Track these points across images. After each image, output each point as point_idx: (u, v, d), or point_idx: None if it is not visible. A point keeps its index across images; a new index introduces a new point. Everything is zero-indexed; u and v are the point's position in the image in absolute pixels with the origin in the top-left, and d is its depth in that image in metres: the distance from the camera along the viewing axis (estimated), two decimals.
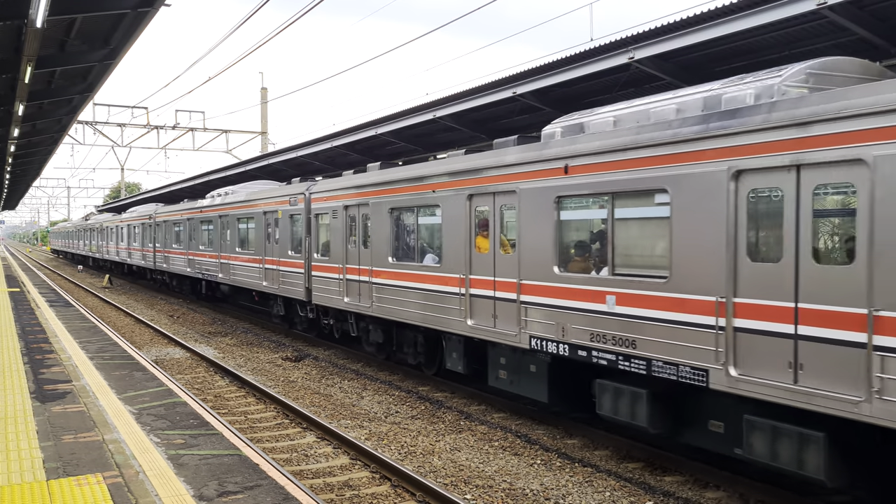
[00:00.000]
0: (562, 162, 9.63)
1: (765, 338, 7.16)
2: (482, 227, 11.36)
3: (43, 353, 12.57)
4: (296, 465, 9.33)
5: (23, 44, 12.14)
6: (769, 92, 7.77)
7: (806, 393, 6.75)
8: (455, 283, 11.77)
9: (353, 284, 15.21)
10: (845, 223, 6.73)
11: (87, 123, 36.55)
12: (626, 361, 8.73)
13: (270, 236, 19.82)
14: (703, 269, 7.75)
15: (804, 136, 6.81)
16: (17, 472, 6.21)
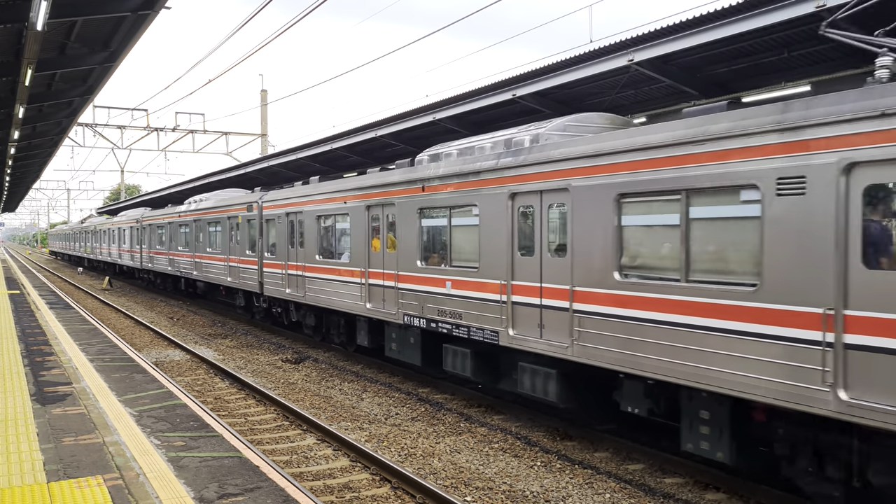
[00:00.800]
0: (421, 183, 12.82)
1: (527, 308, 10.41)
2: (376, 231, 14.43)
3: (43, 356, 12.57)
4: (296, 467, 9.33)
5: (23, 47, 12.15)
6: (537, 138, 10.78)
7: (546, 342, 10.02)
8: (358, 275, 15.02)
9: (292, 278, 18.39)
10: (562, 228, 9.98)
11: (87, 126, 36.56)
12: (457, 329, 11.90)
13: (233, 238, 22.58)
14: (496, 261, 10.96)
15: (545, 171, 10.05)
16: (18, 475, 6.22)
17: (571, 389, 10.10)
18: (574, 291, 9.50)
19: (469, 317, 11.58)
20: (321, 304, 16.80)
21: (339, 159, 22.76)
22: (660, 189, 8.32)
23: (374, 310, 14.30)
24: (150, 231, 33.80)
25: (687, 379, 7.98)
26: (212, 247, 24.89)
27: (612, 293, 8.97)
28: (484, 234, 11.27)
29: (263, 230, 20.26)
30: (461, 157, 12.19)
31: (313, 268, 17.13)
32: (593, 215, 9.21)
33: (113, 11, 11.34)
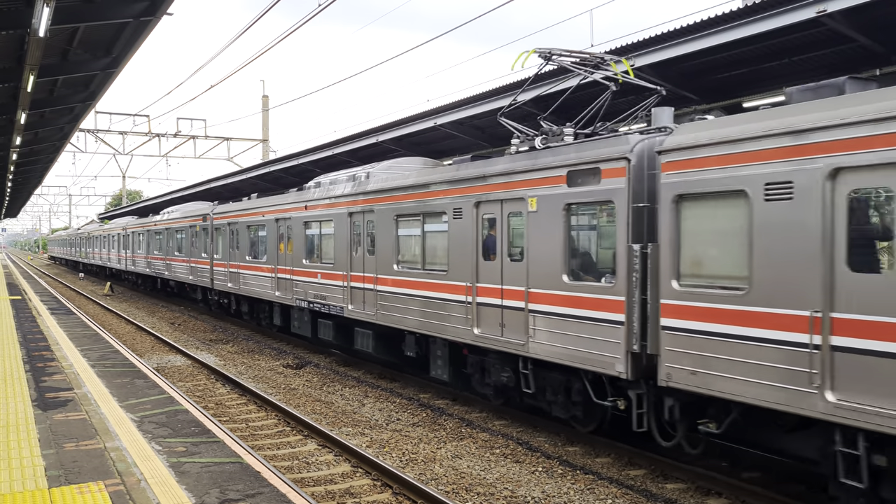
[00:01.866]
0: (304, 202, 17.90)
1: (359, 291, 15.35)
2: (281, 238, 19.34)
3: (45, 361, 12.58)
4: (297, 472, 9.32)
5: (25, 53, 12.19)
6: (369, 175, 15.22)
7: (364, 313, 14.89)
8: (269, 270, 19.98)
9: (232, 275, 23.13)
10: (370, 235, 14.91)
11: (88, 131, 36.63)
12: (325, 308, 16.58)
13: (194, 243, 27.20)
14: (342, 257, 15.88)
15: (365, 199, 14.92)
16: (19, 480, 6.21)
17: (379, 342, 15.05)
18: (377, 278, 14.45)
19: (330, 298, 16.49)
20: (251, 295, 21.67)
21: (341, 164, 22.80)
22: (414, 213, 13.39)
23: (282, 297, 19.24)
24: (133, 237, 38.41)
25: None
26: (178, 251, 29.62)
27: (394, 278, 13.85)
28: (337, 239, 16.14)
29: (213, 237, 25.09)
30: (329, 186, 16.93)
31: (245, 266, 22.05)
32: (385, 228, 14.12)
33: (115, 17, 11.38)
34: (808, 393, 6.83)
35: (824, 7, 8.95)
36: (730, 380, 7.56)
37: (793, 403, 6.97)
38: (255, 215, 21.22)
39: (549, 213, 10.02)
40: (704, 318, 7.88)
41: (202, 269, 26.15)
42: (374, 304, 14.41)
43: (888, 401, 6.28)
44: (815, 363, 6.78)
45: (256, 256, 21.15)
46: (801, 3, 9.16)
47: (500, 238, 10.97)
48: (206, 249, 25.65)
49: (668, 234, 8.22)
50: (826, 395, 6.69)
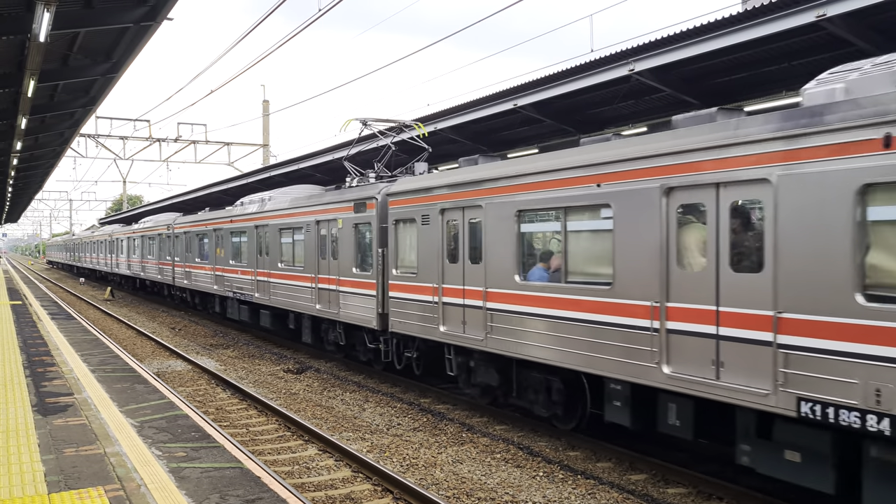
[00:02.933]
0: (230, 217, 23.00)
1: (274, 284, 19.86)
2: (217, 243, 24.19)
3: (45, 366, 12.56)
4: (297, 477, 9.30)
5: (26, 58, 12.20)
6: (265, 200, 20.79)
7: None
8: (211, 269, 24.41)
9: (188, 273, 28.11)
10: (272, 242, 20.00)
11: (89, 136, 36.65)
12: (243, 295, 21.71)
13: (161, 248, 32.46)
14: (251, 259, 21.03)
15: (259, 216, 20.82)
16: (19, 486, 6.20)
17: (273, 319, 20.31)
18: (269, 273, 19.84)
19: (246, 289, 21.45)
20: (200, 290, 26.75)
21: (342, 169, 22.80)
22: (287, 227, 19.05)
23: (218, 290, 23.98)
24: (117, 243, 43.90)
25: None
26: (150, 254, 34.87)
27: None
28: (248, 245, 21.42)
29: (175, 243, 30.06)
30: (248, 205, 22.10)
31: (194, 266, 27.35)
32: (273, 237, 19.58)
33: (115, 23, 11.39)
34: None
35: (824, 11, 8.97)
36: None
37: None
38: (201, 226, 26.55)
39: (346, 229, 15.61)
40: (405, 291, 13.48)
41: (167, 270, 31.74)
42: (267, 290, 20.15)
43: (455, 328, 11.62)
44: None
45: (203, 258, 26.35)
46: (801, 8, 9.18)
47: (329, 244, 16.50)
48: (169, 253, 30.98)
49: (392, 243, 13.94)
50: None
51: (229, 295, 23.31)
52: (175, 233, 30.20)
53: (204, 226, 26.46)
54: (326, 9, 11.08)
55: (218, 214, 25.16)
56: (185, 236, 28.84)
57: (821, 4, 8.99)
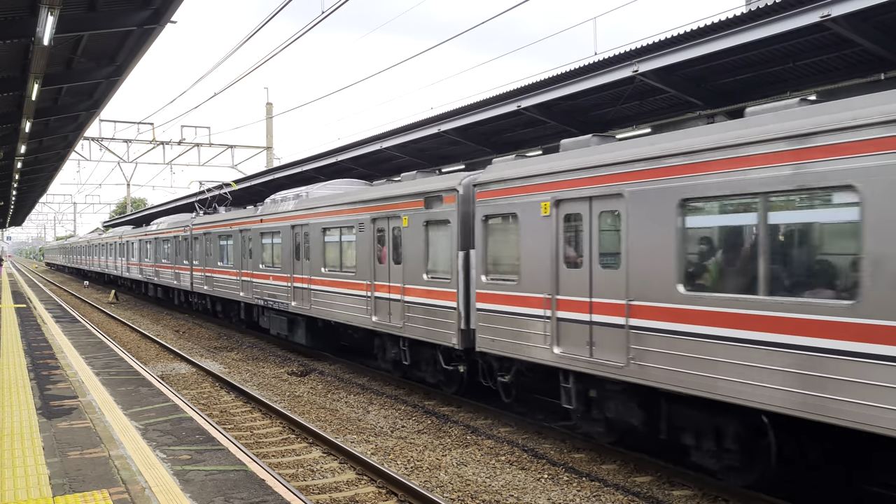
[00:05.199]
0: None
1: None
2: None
3: (49, 370, 12.57)
4: (302, 480, 9.29)
5: (30, 61, 12.23)
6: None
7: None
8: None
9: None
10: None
11: (93, 139, 36.74)
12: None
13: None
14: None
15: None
16: (24, 489, 6.19)
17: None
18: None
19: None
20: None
21: (345, 171, 22.81)
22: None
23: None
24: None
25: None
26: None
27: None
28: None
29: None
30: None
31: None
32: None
33: (119, 26, 11.41)
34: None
35: (828, 11, 8.93)
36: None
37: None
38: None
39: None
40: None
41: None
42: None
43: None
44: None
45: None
46: (806, 8, 9.14)
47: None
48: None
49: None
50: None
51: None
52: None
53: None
54: (330, 10, 11.08)
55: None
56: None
57: (825, 4, 8.95)
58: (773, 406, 7.31)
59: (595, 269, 9.47)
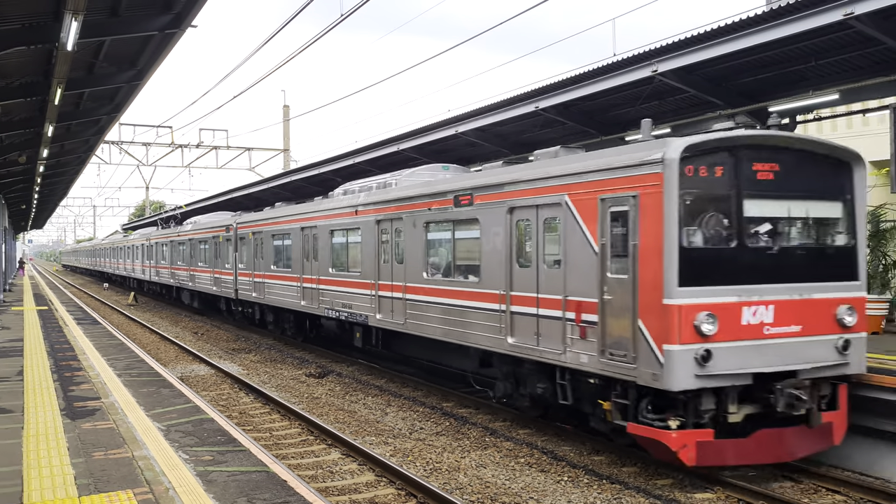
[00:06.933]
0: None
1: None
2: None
3: (72, 371, 12.69)
4: (321, 481, 9.31)
5: (53, 67, 12.36)
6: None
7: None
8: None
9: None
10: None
11: (113, 143, 37.09)
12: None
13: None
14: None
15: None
16: (50, 489, 6.26)
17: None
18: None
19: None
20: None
21: (362, 173, 22.88)
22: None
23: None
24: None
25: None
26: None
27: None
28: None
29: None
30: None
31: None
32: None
33: (141, 31, 11.50)
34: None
35: (851, 9, 8.86)
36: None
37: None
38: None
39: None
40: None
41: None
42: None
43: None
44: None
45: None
46: (828, 6, 9.07)
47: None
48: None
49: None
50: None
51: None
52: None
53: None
54: (349, 12, 11.12)
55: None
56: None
57: (848, 3, 8.88)
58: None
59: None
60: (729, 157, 8.85)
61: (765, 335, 8.88)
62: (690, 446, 8.54)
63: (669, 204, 8.46)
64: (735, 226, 8.87)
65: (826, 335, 9.26)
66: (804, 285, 9.19)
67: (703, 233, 8.79)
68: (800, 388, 8.86)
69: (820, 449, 9.38)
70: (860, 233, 9.70)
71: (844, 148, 9.56)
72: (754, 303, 8.82)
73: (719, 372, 8.54)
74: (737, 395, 8.82)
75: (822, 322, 9.25)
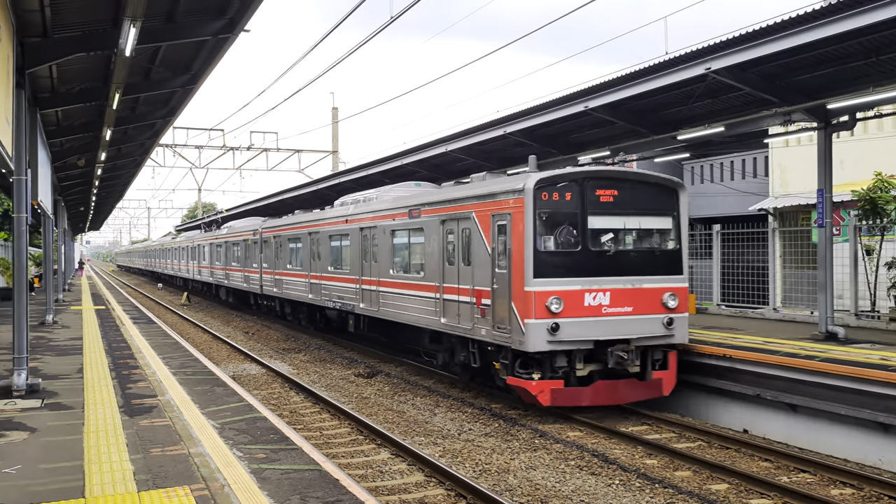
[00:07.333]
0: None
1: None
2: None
3: (129, 369, 13.02)
4: (371, 481, 9.37)
5: (111, 72, 12.71)
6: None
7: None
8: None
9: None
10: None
11: (167, 146, 37.95)
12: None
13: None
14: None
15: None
16: (110, 483, 6.42)
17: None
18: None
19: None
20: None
21: (410, 175, 22.98)
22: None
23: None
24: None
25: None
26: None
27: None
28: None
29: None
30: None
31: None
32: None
33: (195, 36, 11.74)
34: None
35: None
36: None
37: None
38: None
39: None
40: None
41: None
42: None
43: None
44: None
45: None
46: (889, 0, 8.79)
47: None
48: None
49: None
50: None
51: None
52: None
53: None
54: (398, 14, 11.18)
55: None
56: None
57: None
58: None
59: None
60: (577, 185, 12.11)
61: (603, 313, 12.06)
62: (546, 392, 11.88)
63: (528, 219, 11.80)
64: (581, 234, 12.09)
65: (654, 314, 12.38)
66: (636, 278, 12.32)
67: (555, 239, 12.07)
68: (626, 352, 11.98)
69: (650, 397, 12.62)
70: (684, 239, 12.84)
71: (670, 178, 12.96)
72: (594, 290, 12.03)
73: (566, 339, 11.83)
74: (583, 356, 12.09)
75: (650, 304, 12.35)
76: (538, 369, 11.98)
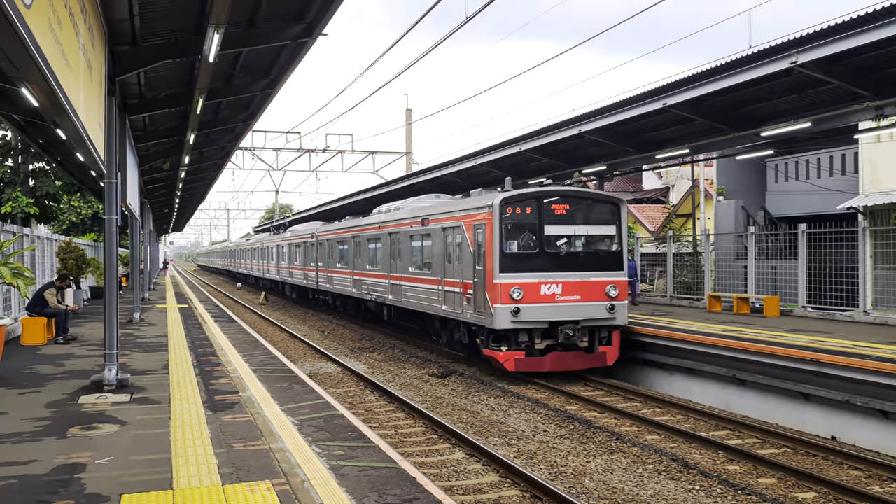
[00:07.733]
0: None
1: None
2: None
3: (212, 366, 13.42)
4: (446, 480, 9.39)
5: (195, 78, 13.14)
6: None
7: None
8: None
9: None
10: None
11: (246, 149, 39.01)
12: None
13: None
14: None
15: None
16: (196, 476, 6.62)
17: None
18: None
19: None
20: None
21: (483, 175, 22.98)
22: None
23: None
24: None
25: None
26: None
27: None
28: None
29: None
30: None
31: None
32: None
33: (275, 41, 12.02)
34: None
35: None
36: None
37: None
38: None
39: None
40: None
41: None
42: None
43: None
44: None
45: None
46: None
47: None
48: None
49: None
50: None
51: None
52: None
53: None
54: (473, 14, 11.17)
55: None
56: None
57: None
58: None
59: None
60: (536, 202, 15.53)
61: (556, 301, 15.33)
62: (510, 360, 15.38)
63: (495, 228, 15.26)
64: (539, 239, 15.47)
65: (598, 301, 15.56)
66: (584, 273, 15.57)
67: (517, 243, 15.44)
68: (573, 330, 15.27)
69: (595, 366, 15.83)
70: (624, 243, 16.17)
71: (613, 195, 16.61)
72: (549, 282, 15.28)
73: (526, 320, 15.16)
74: (540, 334, 15.39)
75: (595, 294, 15.52)
76: (505, 343, 15.44)
